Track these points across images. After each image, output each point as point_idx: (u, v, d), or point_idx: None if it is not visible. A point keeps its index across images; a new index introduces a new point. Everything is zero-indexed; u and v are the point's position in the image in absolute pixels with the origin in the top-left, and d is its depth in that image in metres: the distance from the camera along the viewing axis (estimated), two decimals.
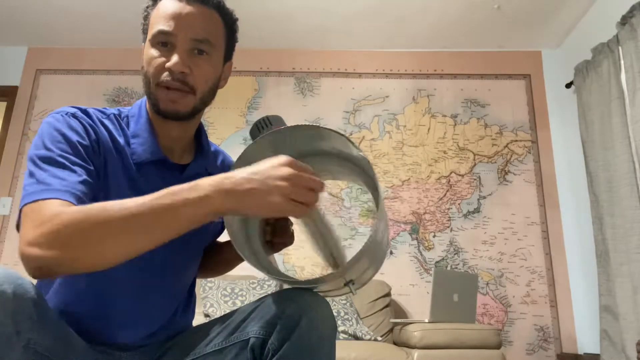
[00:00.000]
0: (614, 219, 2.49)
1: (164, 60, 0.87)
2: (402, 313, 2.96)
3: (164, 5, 0.89)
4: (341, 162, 0.93)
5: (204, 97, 0.91)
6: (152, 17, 0.91)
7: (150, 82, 0.88)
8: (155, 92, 0.88)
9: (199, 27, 0.88)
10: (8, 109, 3.40)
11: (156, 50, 0.88)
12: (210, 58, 0.91)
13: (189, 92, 0.88)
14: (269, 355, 0.75)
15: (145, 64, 0.89)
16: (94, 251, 0.66)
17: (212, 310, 2.46)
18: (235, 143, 3.29)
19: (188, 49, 0.87)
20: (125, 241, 0.67)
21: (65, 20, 3.24)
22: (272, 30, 3.29)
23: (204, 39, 0.88)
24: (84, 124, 0.86)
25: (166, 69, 0.86)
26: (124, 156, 0.89)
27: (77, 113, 0.87)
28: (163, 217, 0.67)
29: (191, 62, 0.87)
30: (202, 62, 0.89)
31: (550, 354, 2.87)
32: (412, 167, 3.24)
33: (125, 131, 0.93)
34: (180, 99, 0.87)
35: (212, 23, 0.91)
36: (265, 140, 0.84)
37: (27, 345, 0.60)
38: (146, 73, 0.89)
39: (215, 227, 1.06)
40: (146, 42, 0.92)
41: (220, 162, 1.08)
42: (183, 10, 0.88)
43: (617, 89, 2.54)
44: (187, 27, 0.87)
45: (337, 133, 0.81)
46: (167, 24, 0.87)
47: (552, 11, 3.03)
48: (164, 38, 0.87)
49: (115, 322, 0.87)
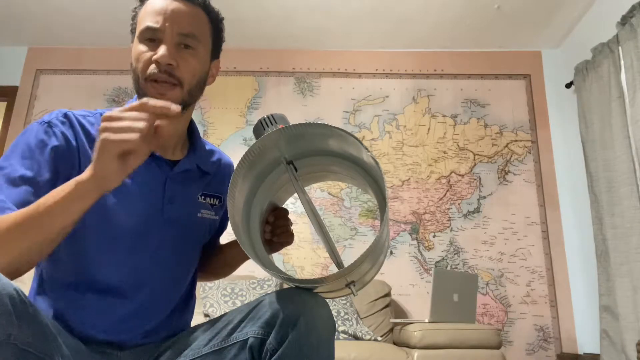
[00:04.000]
0: (614, 219, 2.49)
1: (152, 54, 0.88)
2: (402, 313, 2.96)
3: (150, 3, 0.92)
4: (346, 163, 0.92)
5: (191, 91, 0.92)
6: (139, 15, 0.93)
7: (139, 77, 0.89)
8: (144, 87, 0.89)
9: (185, 22, 0.90)
10: (8, 109, 3.40)
11: (144, 45, 0.90)
12: (197, 52, 0.92)
13: (177, 84, 0.89)
14: (267, 355, 0.75)
15: (134, 60, 0.91)
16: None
17: (212, 310, 2.46)
18: (235, 143, 3.29)
19: (175, 42, 0.89)
20: (17, 241, 0.70)
21: (65, 20, 3.24)
22: (272, 30, 3.29)
23: (190, 33, 0.90)
24: (57, 133, 0.88)
25: (153, 62, 0.87)
26: None
27: (53, 121, 0.89)
28: (45, 215, 0.71)
29: (178, 55, 0.89)
30: (189, 55, 0.90)
31: (550, 354, 2.87)
32: (412, 167, 3.24)
33: None
34: (168, 92, 0.88)
35: (197, 19, 0.93)
36: (270, 138, 0.84)
37: (6, 341, 0.60)
38: (135, 69, 0.90)
39: (211, 224, 1.05)
40: (134, 39, 0.93)
41: (216, 160, 1.08)
42: (169, 7, 0.90)
43: (617, 89, 2.53)
44: (173, 22, 0.89)
45: (349, 134, 0.80)
46: (154, 19, 0.89)
47: (552, 11, 3.03)
48: (151, 34, 0.89)
49: (109, 320, 0.87)
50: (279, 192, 0.99)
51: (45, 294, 0.88)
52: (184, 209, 0.97)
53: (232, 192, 0.83)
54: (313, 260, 3.07)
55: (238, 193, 0.85)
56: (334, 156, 0.92)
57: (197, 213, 1.00)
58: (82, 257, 0.88)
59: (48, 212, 0.70)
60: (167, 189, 0.95)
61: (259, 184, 0.93)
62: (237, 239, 0.80)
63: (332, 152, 0.90)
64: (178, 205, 0.96)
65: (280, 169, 0.93)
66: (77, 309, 0.86)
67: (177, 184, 0.97)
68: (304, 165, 0.93)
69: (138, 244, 0.91)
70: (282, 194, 1.00)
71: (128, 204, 0.90)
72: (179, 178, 0.97)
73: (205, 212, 1.01)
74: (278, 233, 1.00)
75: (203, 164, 1.02)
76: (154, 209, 0.93)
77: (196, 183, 1.01)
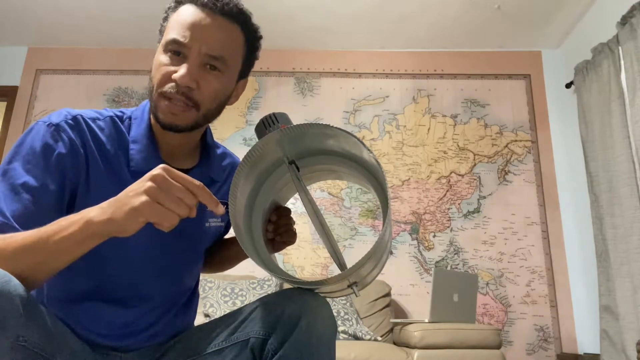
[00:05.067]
0: (614, 219, 2.49)
1: (172, 70, 0.82)
2: (402, 313, 2.96)
3: (185, 11, 0.85)
4: (348, 163, 0.92)
5: (207, 114, 0.87)
6: (170, 20, 0.86)
7: (154, 89, 0.84)
8: (157, 101, 0.84)
9: (216, 43, 0.83)
10: (8, 109, 3.40)
11: (167, 57, 0.84)
12: (222, 75, 0.86)
13: (192, 107, 0.84)
14: (268, 355, 0.75)
15: (154, 68, 0.85)
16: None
17: (212, 310, 2.46)
18: (236, 143, 3.29)
19: (200, 63, 0.83)
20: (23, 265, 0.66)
21: (65, 20, 3.24)
22: (272, 30, 3.29)
23: (218, 56, 0.84)
24: (64, 139, 0.82)
25: (172, 80, 0.82)
26: (116, 162, 0.86)
27: (62, 125, 0.83)
28: (50, 249, 0.66)
29: (200, 76, 0.83)
30: (213, 78, 0.84)
31: (550, 354, 2.87)
32: (412, 167, 3.24)
33: (124, 135, 0.89)
34: (181, 113, 0.83)
35: (231, 39, 0.86)
36: (272, 138, 0.83)
37: (15, 342, 0.60)
38: (152, 78, 0.85)
39: (217, 230, 1.04)
40: (159, 45, 0.87)
41: (227, 165, 1.05)
42: (202, 22, 0.83)
43: (617, 89, 2.54)
44: (202, 40, 0.82)
45: (349, 134, 0.80)
46: (183, 34, 0.82)
47: (552, 11, 3.03)
48: (176, 47, 0.83)
49: (112, 327, 0.87)
50: (282, 192, 0.99)
51: (47, 301, 0.87)
52: (192, 220, 0.95)
53: (234, 193, 0.82)
54: (313, 260, 3.07)
55: (240, 194, 0.85)
56: (335, 156, 0.92)
57: (204, 223, 0.97)
58: (86, 268, 0.86)
59: (54, 248, 0.66)
60: None
61: (261, 184, 0.93)
62: (239, 242, 0.80)
63: (333, 151, 0.90)
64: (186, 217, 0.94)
65: (282, 169, 0.93)
66: (79, 317, 0.85)
67: None
68: (306, 164, 0.93)
69: (144, 254, 0.89)
70: (284, 193, 1.00)
71: None
72: None
73: (213, 221, 0.99)
74: (281, 232, 0.98)
75: (214, 172, 0.99)
76: None
77: None
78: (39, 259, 0.66)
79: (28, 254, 0.66)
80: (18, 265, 0.65)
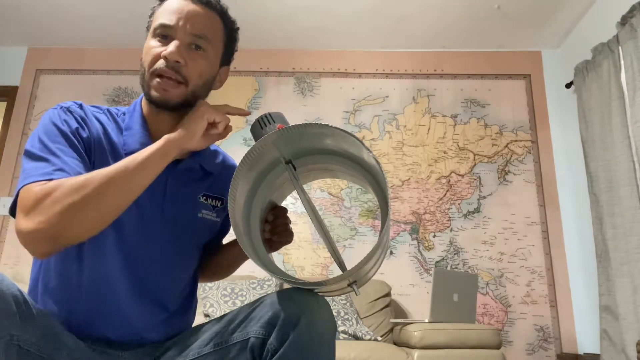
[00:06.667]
0: (614, 219, 2.49)
1: (162, 50, 0.91)
2: (402, 313, 2.96)
3: (168, 3, 0.95)
4: (346, 162, 0.92)
5: (196, 91, 0.94)
6: (156, 14, 0.96)
7: (146, 71, 0.92)
8: (149, 80, 0.91)
9: (199, 24, 0.92)
10: (8, 109, 3.40)
11: (155, 41, 0.93)
12: (207, 54, 0.94)
13: (182, 82, 0.91)
14: (268, 355, 0.75)
15: (144, 54, 0.93)
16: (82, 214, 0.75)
17: (212, 310, 2.46)
18: (236, 143, 3.29)
19: (186, 42, 0.91)
20: (108, 195, 0.77)
21: (65, 20, 3.24)
22: (272, 30, 3.29)
23: (202, 35, 0.92)
24: (77, 117, 0.91)
25: (162, 57, 0.90)
26: (115, 148, 0.92)
27: (72, 107, 0.92)
28: (135, 168, 0.80)
29: (187, 54, 0.91)
30: (198, 56, 0.93)
31: (550, 354, 2.87)
32: (412, 167, 3.24)
33: (120, 125, 0.97)
34: (171, 88, 0.90)
35: (212, 23, 0.96)
36: (270, 139, 0.84)
37: (9, 341, 0.60)
38: (143, 63, 0.93)
39: (212, 225, 1.04)
40: (148, 34, 0.96)
41: (220, 161, 1.08)
42: (186, 8, 0.93)
43: (617, 89, 2.54)
44: (187, 21, 0.91)
45: (349, 134, 0.80)
46: (169, 18, 0.92)
47: (552, 11, 3.03)
48: (164, 31, 0.92)
49: (108, 319, 0.87)
50: (278, 191, 0.99)
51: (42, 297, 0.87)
52: (184, 208, 0.97)
53: (233, 193, 0.83)
54: (313, 260, 3.07)
55: (239, 194, 0.85)
56: (333, 155, 0.92)
57: (197, 213, 0.99)
58: (80, 256, 0.87)
59: (139, 168, 0.79)
60: (168, 187, 0.95)
61: (259, 183, 0.93)
62: (239, 242, 0.80)
63: (331, 151, 0.91)
64: (178, 204, 0.96)
65: (279, 169, 0.93)
66: (76, 312, 0.85)
67: (179, 182, 0.97)
68: (304, 163, 0.93)
69: (138, 242, 0.90)
70: (281, 192, 1.00)
71: None
72: (180, 177, 0.97)
73: (206, 213, 1.01)
74: (278, 232, 0.99)
75: (206, 163, 1.02)
76: (154, 206, 0.93)
77: (198, 183, 1.01)
78: (125, 180, 0.78)
79: (114, 179, 0.77)
80: (105, 194, 0.76)
